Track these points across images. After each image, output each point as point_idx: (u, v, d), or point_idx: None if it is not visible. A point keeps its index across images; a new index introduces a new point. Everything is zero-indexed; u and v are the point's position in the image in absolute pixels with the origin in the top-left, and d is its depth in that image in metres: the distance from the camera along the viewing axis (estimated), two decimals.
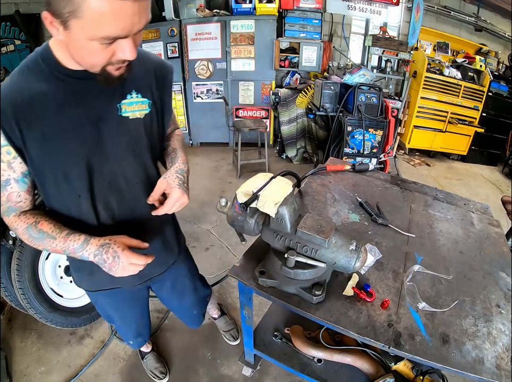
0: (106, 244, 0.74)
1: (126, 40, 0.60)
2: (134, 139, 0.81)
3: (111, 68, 0.65)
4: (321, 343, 1.22)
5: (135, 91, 0.79)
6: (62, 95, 0.70)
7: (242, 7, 3.57)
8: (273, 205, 0.80)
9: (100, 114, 0.75)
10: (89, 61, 0.63)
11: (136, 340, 1.31)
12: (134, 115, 0.79)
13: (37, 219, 0.77)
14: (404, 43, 3.47)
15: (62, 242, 0.75)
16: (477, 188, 3.68)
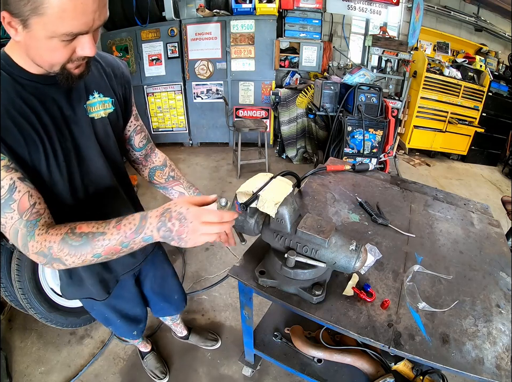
0: (166, 210, 0.64)
1: (86, 36, 0.60)
2: (102, 138, 0.82)
3: (71, 66, 0.64)
4: (321, 343, 1.22)
5: (96, 91, 0.79)
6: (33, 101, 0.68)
7: (242, 7, 3.58)
8: (273, 205, 0.80)
9: (71, 117, 0.74)
10: (49, 60, 0.62)
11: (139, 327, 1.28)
12: (99, 115, 0.80)
13: (71, 225, 0.67)
14: (404, 43, 3.47)
15: (115, 233, 0.65)
16: (477, 188, 3.68)
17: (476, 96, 3.91)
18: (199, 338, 1.71)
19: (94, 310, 1.14)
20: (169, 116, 4.16)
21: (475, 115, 4.00)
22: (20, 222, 0.64)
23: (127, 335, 1.34)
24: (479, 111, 3.98)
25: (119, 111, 0.86)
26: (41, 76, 0.67)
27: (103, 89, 0.81)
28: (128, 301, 1.16)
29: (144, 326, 1.31)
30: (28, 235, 0.64)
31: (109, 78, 0.83)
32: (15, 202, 0.63)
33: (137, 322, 1.25)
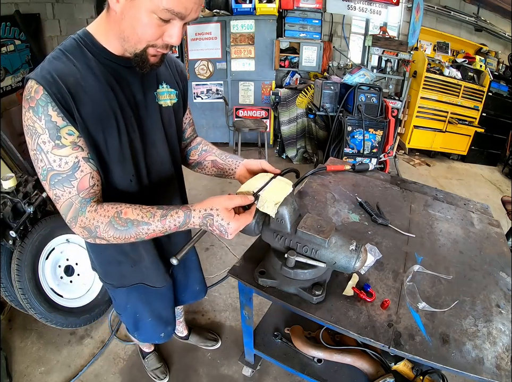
0: (208, 216, 0.69)
1: (178, 24, 0.64)
2: (166, 126, 0.88)
3: (151, 51, 0.68)
4: (321, 343, 1.22)
5: (164, 82, 0.85)
6: (109, 79, 0.72)
7: (242, 7, 3.57)
8: (273, 205, 0.80)
9: (142, 101, 0.80)
10: (140, 35, 0.64)
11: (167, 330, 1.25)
12: (166, 103, 0.86)
13: (118, 209, 0.69)
14: (404, 43, 3.47)
15: (160, 225, 0.69)
16: (477, 188, 3.68)
17: (476, 96, 3.91)
18: (199, 338, 1.71)
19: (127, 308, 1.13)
20: None
21: (475, 115, 3.99)
22: (77, 198, 0.68)
23: (154, 337, 1.28)
24: (479, 111, 3.98)
25: (181, 103, 0.93)
26: (120, 57, 0.72)
27: (170, 81, 0.87)
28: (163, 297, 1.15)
29: (173, 329, 1.28)
30: (80, 211, 0.69)
31: (174, 73, 0.90)
32: (76, 180, 0.68)
33: (166, 323, 1.23)
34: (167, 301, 1.19)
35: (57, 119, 0.64)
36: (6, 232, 1.51)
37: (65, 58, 0.68)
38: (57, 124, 0.64)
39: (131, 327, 1.21)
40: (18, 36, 2.44)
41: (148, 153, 0.85)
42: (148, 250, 0.96)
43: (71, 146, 0.66)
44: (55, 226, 1.69)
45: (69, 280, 1.76)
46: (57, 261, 1.72)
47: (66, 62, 0.67)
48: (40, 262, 1.61)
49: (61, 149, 0.65)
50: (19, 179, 1.72)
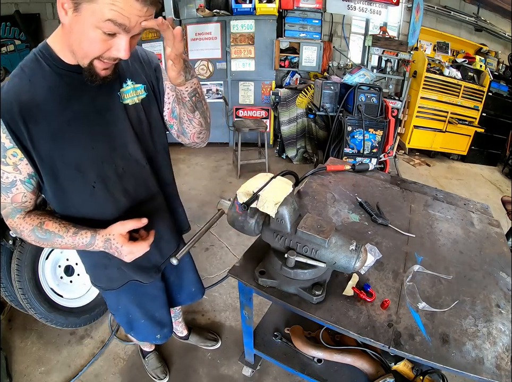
0: (107, 240, 0.79)
1: (124, 37, 0.64)
2: (135, 124, 0.86)
3: (99, 65, 0.68)
4: (321, 343, 1.22)
5: (129, 79, 0.83)
6: (66, 89, 0.73)
7: (242, 7, 3.57)
8: (273, 205, 0.80)
9: (104, 104, 0.79)
10: (85, 49, 0.65)
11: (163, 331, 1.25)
12: (133, 101, 0.84)
13: (42, 220, 0.80)
14: (404, 43, 3.47)
15: (71, 240, 0.80)
16: (477, 188, 3.68)
17: (476, 96, 3.91)
18: (199, 338, 1.71)
19: (118, 310, 1.14)
20: None
21: (475, 115, 3.99)
22: (10, 205, 0.79)
23: (150, 338, 1.29)
24: (479, 111, 3.98)
25: (151, 95, 0.89)
26: (75, 66, 0.72)
27: (135, 76, 0.85)
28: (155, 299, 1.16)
29: (169, 331, 1.28)
30: (11, 214, 0.80)
31: (139, 65, 0.87)
32: (12, 194, 0.77)
33: (162, 325, 1.23)
34: (160, 303, 1.18)
35: (5, 141, 0.71)
36: (6, 232, 1.51)
37: (23, 74, 0.72)
38: (4, 145, 0.71)
39: (126, 327, 1.21)
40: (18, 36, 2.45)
41: (120, 155, 0.84)
42: None
43: (13, 167, 0.74)
44: None
45: (69, 280, 1.76)
46: (57, 261, 1.72)
47: (23, 79, 0.71)
48: (40, 262, 1.61)
49: (6, 167, 0.73)
50: None
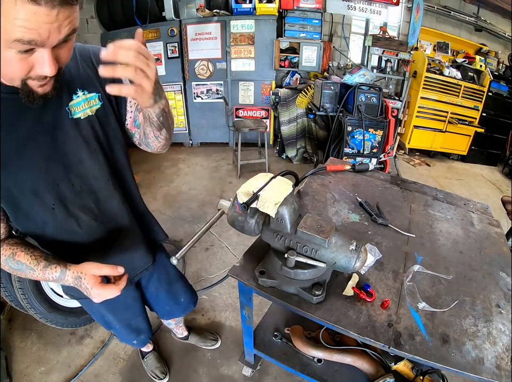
0: (78, 278, 0.76)
1: (44, 51, 0.55)
2: (92, 137, 0.79)
3: (33, 84, 0.61)
4: (321, 343, 1.22)
5: (80, 89, 0.75)
6: (8, 113, 0.66)
7: (242, 7, 3.58)
8: (273, 205, 0.80)
9: (52, 123, 0.72)
10: (7, 73, 0.59)
11: (139, 338, 1.26)
12: (85, 114, 0.77)
13: (14, 250, 0.78)
14: (404, 43, 3.47)
15: (41, 274, 0.77)
16: (477, 188, 3.68)
17: (476, 96, 3.91)
18: (199, 338, 1.71)
19: (93, 313, 1.13)
20: None
21: (475, 115, 4.00)
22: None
23: (128, 341, 1.31)
24: (479, 111, 3.98)
25: (107, 104, 0.81)
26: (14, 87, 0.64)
27: (87, 85, 0.76)
28: (128, 308, 1.14)
29: (147, 337, 1.28)
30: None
31: (89, 71, 0.77)
32: None
33: (138, 332, 1.22)
34: (134, 312, 1.17)
35: None
36: None
37: None
38: None
39: (105, 326, 1.20)
40: None
41: (76, 174, 0.79)
42: None
43: None
44: None
45: None
46: None
47: None
48: None
49: None
50: None
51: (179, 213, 2.78)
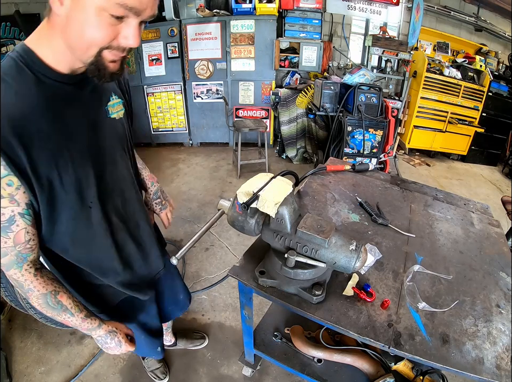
0: (113, 332, 0.86)
1: (134, 22, 0.58)
2: (121, 139, 0.84)
3: (108, 55, 0.61)
4: (321, 343, 1.22)
5: (114, 93, 0.81)
6: (58, 104, 0.66)
7: (242, 7, 3.57)
8: (273, 205, 0.80)
9: (94, 119, 0.74)
10: (90, 38, 0.57)
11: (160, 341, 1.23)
12: (118, 116, 0.82)
13: (56, 289, 0.75)
14: (404, 43, 3.47)
15: (79, 321, 0.80)
16: (477, 188, 3.68)
17: (476, 96, 3.91)
18: (186, 341, 1.69)
19: None
20: (169, 116, 4.16)
21: (475, 115, 3.99)
22: (13, 249, 0.66)
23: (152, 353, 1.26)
24: (479, 111, 3.98)
25: (128, 111, 0.88)
26: (66, 75, 0.65)
27: (116, 92, 0.82)
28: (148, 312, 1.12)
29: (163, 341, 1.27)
30: (16, 264, 0.68)
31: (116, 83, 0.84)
32: (13, 233, 0.65)
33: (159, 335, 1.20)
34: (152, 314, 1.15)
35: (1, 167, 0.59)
36: None
37: (6, 85, 0.60)
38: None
39: None
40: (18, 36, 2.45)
41: (110, 173, 0.79)
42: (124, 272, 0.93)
43: (9, 199, 0.62)
44: None
45: None
46: None
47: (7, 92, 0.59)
48: None
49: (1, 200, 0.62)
50: None
51: (179, 213, 2.78)
